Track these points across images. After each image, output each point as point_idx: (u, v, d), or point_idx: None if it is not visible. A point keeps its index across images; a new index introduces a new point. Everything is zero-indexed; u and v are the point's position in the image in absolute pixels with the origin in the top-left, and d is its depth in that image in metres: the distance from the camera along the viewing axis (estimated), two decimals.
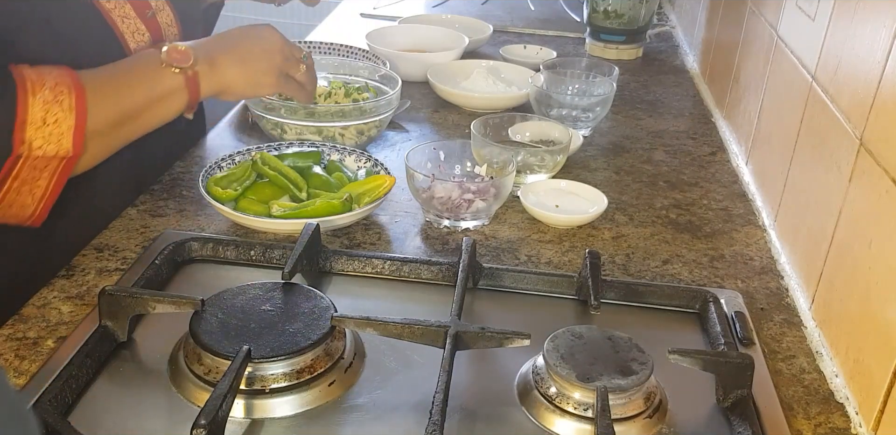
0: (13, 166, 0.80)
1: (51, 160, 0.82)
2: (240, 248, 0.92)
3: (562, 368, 0.72)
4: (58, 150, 0.82)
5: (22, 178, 0.82)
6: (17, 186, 0.82)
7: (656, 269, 0.97)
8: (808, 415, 0.76)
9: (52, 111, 0.81)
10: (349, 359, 0.76)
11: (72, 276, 0.88)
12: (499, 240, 1.01)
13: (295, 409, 0.71)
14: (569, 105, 1.31)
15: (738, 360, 0.74)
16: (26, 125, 0.79)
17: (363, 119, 1.18)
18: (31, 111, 0.80)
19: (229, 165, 1.05)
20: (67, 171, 0.85)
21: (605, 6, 1.71)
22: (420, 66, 1.48)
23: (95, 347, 0.74)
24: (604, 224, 1.06)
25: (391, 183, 1.02)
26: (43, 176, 0.83)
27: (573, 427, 0.71)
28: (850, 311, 0.79)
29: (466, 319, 0.80)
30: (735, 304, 0.89)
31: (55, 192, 0.85)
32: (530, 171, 1.12)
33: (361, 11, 1.96)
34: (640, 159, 1.27)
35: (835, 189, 0.85)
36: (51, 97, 0.81)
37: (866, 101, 0.79)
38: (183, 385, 0.73)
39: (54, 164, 0.83)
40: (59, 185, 0.85)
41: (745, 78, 1.29)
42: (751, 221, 1.10)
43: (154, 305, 0.76)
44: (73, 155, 0.83)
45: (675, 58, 1.80)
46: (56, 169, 0.84)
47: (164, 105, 0.92)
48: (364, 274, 0.91)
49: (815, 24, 0.98)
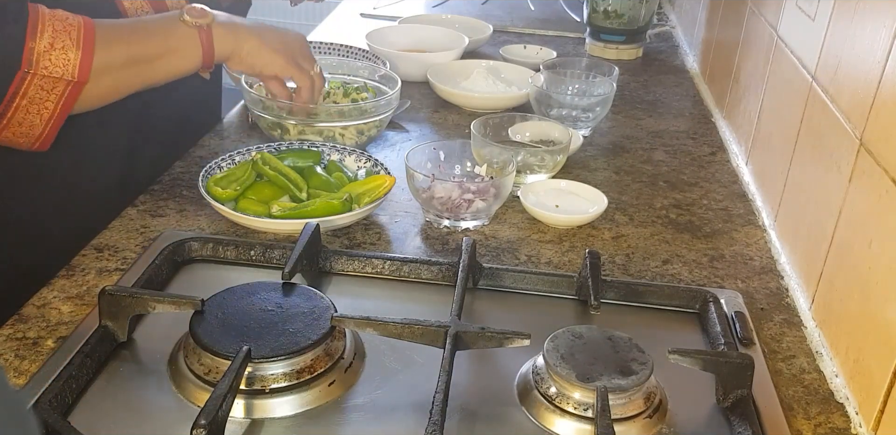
0: (21, 83, 0.88)
1: (57, 82, 0.89)
2: (240, 248, 0.92)
3: (562, 368, 0.72)
4: (63, 74, 0.89)
5: (30, 96, 0.89)
6: (26, 105, 0.89)
7: (656, 269, 0.97)
8: (808, 415, 0.76)
9: (60, 38, 0.89)
10: (349, 359, 0.76)
11: (72, 276, 0.88)
12: (499, 240, 1.01)
13: (295, 409, 0.71)
14: (569, 105, 1.31)
15: (738, 360, 0.74)
16: (35, 48, 0.87)
17: (363, 119, 1.18)
18: (40, 36, 0.88)
19: (229, 165, 1.05)
20: (74, 95, 0.91)
21: (605, 6, 1.71)
22: (420, 66, 1.48)
23: (95, 347, 0.74)
24: (604, 224, 1.06)
25: (391, 183, 1.02)
26: (50, 98, 0.90)
27: (573, 427, 0.71)
28: (850, 311, 0.79)
29: (466, 319, 0.80)
30: (735, 304, 0.89)
31: (62, 115, 0.92)
32: (530, 171, 1.12)
33: (361, 11, 1.96)
34: (640, 159, 1.27)
35: (835, 189, 0.85)
36: (60, 27, 0.89)
37: (866, 101, 0.79)
38: (183, 385, 0.73)
39: (61, 87, 0.90)
40: (66, 108, 0.92)
41: (745, 78, 1.29)
42: (751, 221, 1.10)
43: (154, 305, 0.76)
44: (79, 81, 0.90)
45: (675, 58, 1.80)
46: (63, 93, 0.90)
47: (178, 56, 0.98)
48: (364, 274, 0.91)
49: (815, 24, 0.98)
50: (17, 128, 0.90)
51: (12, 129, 0.90)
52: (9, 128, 0.90)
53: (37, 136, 0.92)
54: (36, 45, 0.87)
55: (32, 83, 0.88)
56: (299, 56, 1.09)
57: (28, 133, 0.91)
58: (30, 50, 0.87)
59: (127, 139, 1.10)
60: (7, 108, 0.88)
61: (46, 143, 0.93)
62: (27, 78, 0.87)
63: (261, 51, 1.04)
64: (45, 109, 0.90)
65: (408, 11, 1.94)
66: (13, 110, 0.88)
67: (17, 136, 0.91)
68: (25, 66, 0.87)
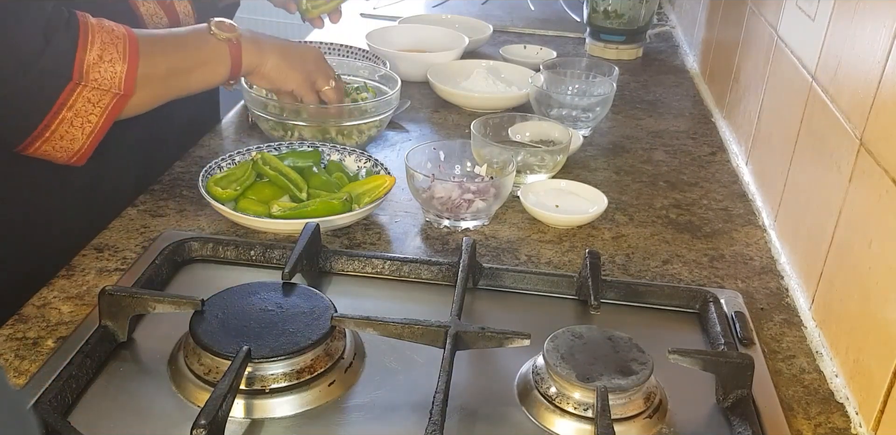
0: (70, 95, 0.88)
1: (104, 95, 0.90)
2: (240, 248, 0.92)
3: (562, 368, 0.72)
4: (111, 86, 0.90)
5: (76, 109, 0.89)
6: (71, 118, 0.89)
7: (656, 269, 0.97)
8: (808, 415, 0.76)
9: (108, 51, 0.89)
10: (349, 359, 0.76)
11: (72, 276, 0.88)
12: (499, 240, 1.01)
13: (295, 409, 0.71)
14: (569, 105, 1.31)
15: (738, 360, 0.74)
16: (85, 58, 0.88)
17: (363, 119, 1.18)
18: (90, 48, 0.88)
19: (229, 165, 1.05)
20: (118, 109, 0.92)
21: (605, 6, 1.71)
22: (420, 66, 1.48)
23: (95, 347, 0.74)
24: (604, 224, 1.06)
25: (391, 183, 1.02)
26: (95, 111, 0.90)
27: (573, 427, 0.71)
28: (850, 311, 0.79)
29: (466, 319, 0.80)
30: (735, 304, 0.89)
31: (104, 128, 0.92)
32: (530, 171, 1.12)
33: (361, 11, 1.96)
34: (640, 159, 1.27)
35: (835, 189, 0.85)
36: (108, 39, 0.90)
37: (866, 101, 0.79)
38: (183, 385, 0.73)
39: (107, 99, 0.90)
40: (108, 122, 0.92)
41: (745, 78, 1.29)
42: (751, 221, 1.10)
43: (154, 305, 0.76)
44: (125, 94, 0.91)
45: (675, 58, 1.80)
46: (108, 105, 0.91)
47: (210, 68, 1.01)
48: (364, 274, 0.91)
49: (815, 24, 0.98)
50: (58, 141, 0.90)
51: (53, 143, 0.90)
52: (50, 141, 0.89)
53: (76, 151, 0.92)
54: (87, 57, 0.87)
55: (81, 95, 0.88)
56: (314, 69, 1.13)
57: (68, 147, 0.91)
58: (80, 61, 0.87)
59: (142, 143, 1.10)
60: (52, 119, 0.88)
61: (84, 158, 0.93)
62: (76, 89, 0.87)
63: (281, 68, 1.08)
64: (89, 123, 0.90)
65: (408, 11, 1.94)
66: (58, 123, 0.88)
67: (55, 150, 0.91)
68: (76, 78, 0.87)
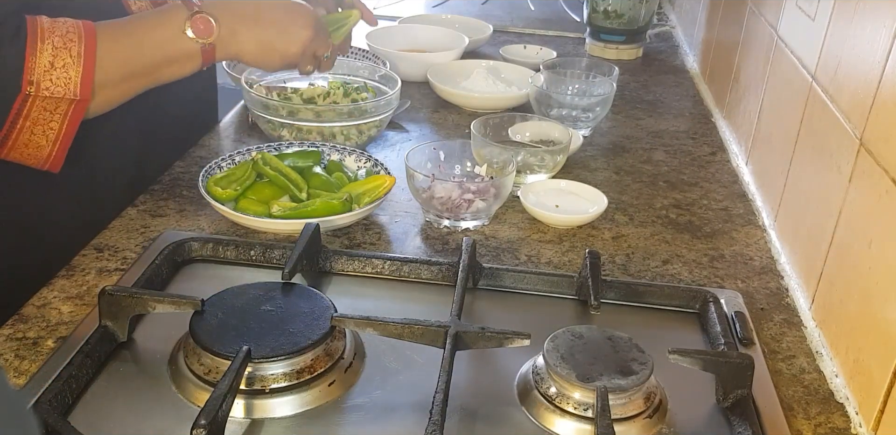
0: (23, 106, 0.86)
1: (60, 102, 0.87)
2: (240, 248, 0.92)
3: (562, 368, 0.72)
4: (65, 93, 0.87)
5: (33, 118, 0.87)
6: (30, 126, 0.87)
7: (656, 269, 0.97)
8: (808, 415, 0.76)
9: (61, 56, 0.86)
10: (349, 359, 0.76)
11: (72, 276, 0.88)
12: (499, 240, 1.01)
13: (295, 409, 0.71)
14: (569, 105, 1.31)
15: (738, 360, 0.74)
16: (35, 68, 0.85)
17: (363, 119, 1.18)
18: (39, 55, 0.85)
19: (229, 165, 1.05)
20: (78, 114, 0.90)
21: (605, 6, 1.71)
22: (420, 66, 1.48)
23: (95, 347, 0.74)
24: (604, 224, 1.06)
25: (391, 183, 1.02)
26: (55, 118, 0.88)
27: (573, 427, 0.71)
28: (850, 311, 0.79)
29: (466, 319, 0.80)
30: (735, 304, 0.89)
31: (68, 134, 0.90)
32: (530, 171, 1.12)
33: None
34: (640, 159, 1.27)
35: (835, 189, 0.85)
36: (60, 44, 0.86)
37: (866, 101, 0.79)
38: (183, 385, 0.73)
39: (64, 106, 0.88)
40: (72, 127, 0.90)
41: (745, 78, 1.29)
42: (751, 221, 1.10)
43: (154, 305, 0.76)
44: (82, 99, 0.88)
45: (675, 58, 1.80)
46: (67, 111, 0.88)
47: (177, 66, 0.96)
48: (364, 274, 0.91)
49: (815, 24, 0.98)
50: (23, 149, 0.89)
51: (19, 151, 0.89)
52: (15, 149, 0.89)
53: (45, 158, 0.91)
54: (36, 64, 0.85)
55: (35, 105, 0.86)
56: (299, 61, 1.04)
57: (36, 154, 0.90)
58: (30, 69, 0.85)
59: (136, 142, 1.09)
60: (11, 129, 0.87)
61: (57, 164, 0.92)
62: (29, 99, 0.86)
63: (255, 59, 1.01)
64: (51, 130, 0.89)
65: (408, 11, 1.94)
66: (17, 132, 0.87)
67: (24, 158, 0.90)
68: (27, 88, 0.85)
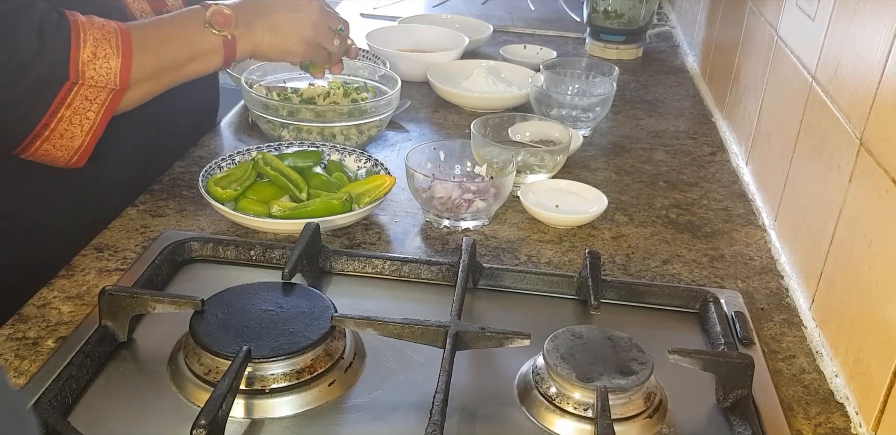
0: (67, 94, 0.89)
1: (101, 91, 0.91)
2: (240, 248, 0.92)
3: (562, 368, 0.72)
4: (107, 83, 0.90)
5: (74, 107, 0.90)
6: (69, 115, 0.90)
7: (656, 269, 0.97)
8: (808, 415, 0.76)
9: (102, 47, 0.90)
10: (349, 359, 0.76)
11: (72, 276, 0.88)
12: (499, 240, 1.01)
13: (295, 409, 0.71)
14: (569, 105, 1.31)
15: (738, 360, 0.74)
16: (80, 57, 0.88)
17: (363, 119, 1.18)
18: (83, 45, 0.89)
19: (229, 165, 1.05)
20: (114, 105, 0.93)
21: (605, 6, 1.71)
22: (420, 66, 1.48)
23: (95, 347, 0.74)
24: (604, 224, 1.06)
25: (391, 183, 1.02)
26: (92, 108, 0.91)
27: (573, 427, 0.71)
28: (850, 311, 0.79)
29: (466, 319, 0.80)
30: (735, 304, 0.89)
31: (101, 124, 0.93)
32: (530, 171, 1.12)
33: (361, 11, 1.96)
34: (640, 159, 1.27)
35: (835, 189, 0.85)
36: (100, 35, 0.90)
37: (866, 101, 0.79)
38: (183, 385, 0.73)
39: (103, 96, 0.91)
40: (106, 118, 0.93)
41: (745, 78, 1.29)
42: (751, 221, 1.10)
43: (154, 305, 0.76)
44: (121, 88, 0.92)
45: (675, 58, 1.80)
46: (105, 101, 0.92)
47: (202, 61, 1.01)
48: (364, 274, 0.91)
49: (815, 24, 0.98)
50: (58, 140, 0.91)
51: (53, 141, 0.91)
52: (50, 140, 0.90)
53: (76, 149, 0.92)
54: (81, 55, 0.88)
55: (79, 93, 0.89)
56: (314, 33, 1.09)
57: (68, 145, 0.92)
58: (75, 60, 0.87)
59: (141, 144, 1.10)
60: (51, 118, 0.88)
61: (83, 158, 0.94)
62: (74, 88, 0.88)
63: (276, 46, 1.07)
64: (87, 119, 0.91)
65: (408, 11, 1.94)
66: (57, 121, 0.89)
67: (56, 149, 0.92)
68: (73, 77, 0.88)
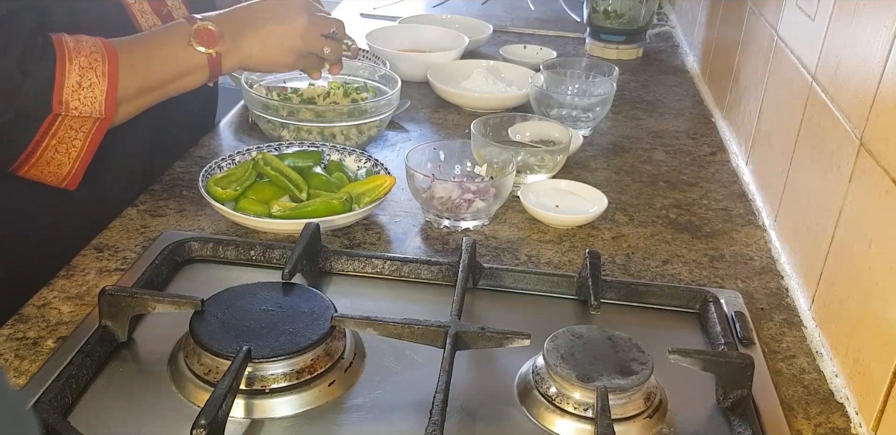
0: (51, 125, 0.88)
1: (85, 121, 0.90)
2: (240, 248, 0.92)
3: (562, 368, 0.72)
4: (91, 112, 0.89)
5: (59, 136, 0.89)
6: (55, 144, 0.89)
7: (656, 269, 0.97)
8: (808, 415, 0.76)
9: (87, 76, 0.89)
10: (349, 359, 0.76)
11: (72, 276, 0.88)
12: (499, 240, 1.01)
13: (295, 409, 0.71)
14: (569, 105, 1.31)
15: (738, 360, 0.74)
16: (64, 88, 0.87)
17: (363, 119, 1.18)
18: (68, 75, 0.87)
19: (229, 165, 1.05)
20: (101, 132, 0.92)
21: (605, 6, 1.71)
22: (420, 66, 1.48)
23: (95, 347, 0.74)
24: (604, 224, 1.06)
25: (391, 183, 1.02)
26: (78, 136, 0.90)
27: (573, 427, 0.71)
28: (850, 311, 0.79)
29: (466, 319, 0.80)
30: (735, 304, 0.89)
31: (89, 152, 0.92)
32: (530, 171, 1.12)
33: (361, 11, 1.96)
34: (640, 159, 1.27)
35: (835, 189, 0.85)
36: (86, 64, 0.89)
37: (866, 101, 0.79)
38: (183, 385, 0.73)
39: (89, 124, 0.90)
40: (94, 145, 0.92)
41: (745, 78, 1.29)
42: (751, 221, 1.10)
43: (154, 305, 0.76)
44: (106, 117, 0.91)
45: (675, 58, 1.80)
46: (91, 129, 0.91)
47: (187, 79, 1.00)
48: (364, 274, 0.91)
49: (815, 24, 0.98)
50: (44, 167, 0.91)
51: (41, 168, 0.91)
52: (37, 166, 0.90)
53: (65, 175, 0.92)
54: (65, 84, 0.87)
55: (63, 123, 0.88)
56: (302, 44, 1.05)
57: (56, 172, 0.92)
58: (59, 91, 0.87)
59: (145, 146, 1.10)
60: (36, 147, 0.88)
61: (75, 182, 0.94)
62: (58, 120, 0.88)
63: (264, 60, 1.04)
64: (73, 148, 0.91)
65: (408, 11, 1.94)
66: (42, 150, 0.89)
67: (44, 175, 0.92)
68: (57, 109, 0.87)
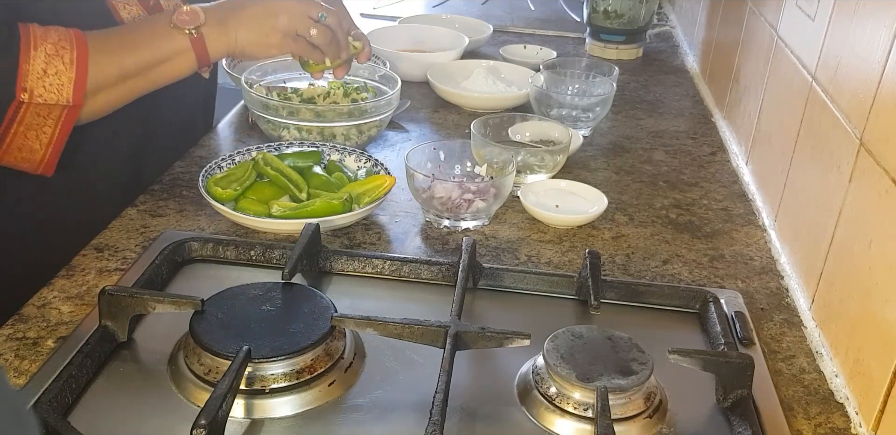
0: (17, 112, 0.87)
1: (53, 108, 0.89)
2: (240, 248, 0.92)
3: (562, 368, 0.72)
4: (58, 99, 0.89)
5: (27, 123, 0.89)
6: (24, 131, 0.89)
7: (656, 269, 0.97)
8: (808, 415, 0.76)
9: (53, 63, 0.88)
10: (349, 359, 0.76)
11: (72, 276, 0.88)
12: (499, 240, 1.01)
13: (295, 409, 0.71)
14: (569, 105, 1.31)
15: (738, 360, 0.74)
16: (28, 75, 0.87)
17: (363, 119, 1.18)
18: (32, 62, 0.87)
19: (229, 165, 1.05)
20: (71, 119, 0.91)
21: (605, 6, 1.71)
22: (420, 66, 1.48)
23: (95, 347, 0.74)
24: (604, 224, 1.06)
25: (391, 183, 1.02)
26: (48, 123, 0.90)
27: (573, 427, 0.71)
28: (850, 311, 0.79)
29: (466, 319, 0.80)
30: (735, 304, 0.89)
31: (61, 139, 0.92)
32: (530, 171, 1.12)
33: (361, 11, 1.96)
34: (640, 159, 1.27)
35: (835, 189, 0.85)
36: (52, 51, 0.88)
37: (866, 101, 0.79)
38: (183, 385, 0.73)
39: (57, 112, 0.90)
40: (65, 132, 0.92)
41: (745, 78, 1.29)
42: (751, 221, 1.10)
43: (154, 305, 0.76)
44: (74, 105, 0.90)
45: (675, 58, 1.80)
46: (60, 117, 0.90)
47: (172, 65, 0.97)
48: (364, 274, 0.91)
49: (815, 24, 0.98)
50: (17, 153, 0.91)
51: (13, 155, 0.91)
52: (9, 153, 0.91)
53: (38, 161, 0.93)
54: (29, 71, 0.87)
55: (28, 111, 0.88)
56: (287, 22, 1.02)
57: (29, 158, 0.92)
58: (23, 76, 0.86)
59: (133, 144, 1.10)
60: (5, 134, 0.89)
61: (50, 168, 0.94)
62: (22, 106, 0.88)
63: (251, 41, 1.00)
64: (44, 134, 0.91)
65: (408, 11, 1.94)
66: (11, 136, 0.89)
67: (19, 162, 0.92)
68: (20, 95, 0.87)
